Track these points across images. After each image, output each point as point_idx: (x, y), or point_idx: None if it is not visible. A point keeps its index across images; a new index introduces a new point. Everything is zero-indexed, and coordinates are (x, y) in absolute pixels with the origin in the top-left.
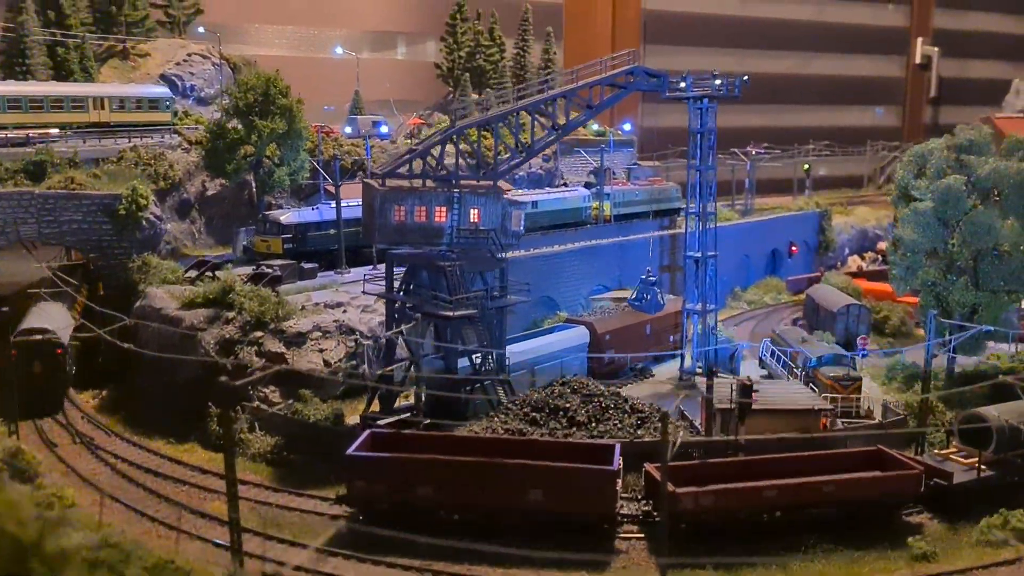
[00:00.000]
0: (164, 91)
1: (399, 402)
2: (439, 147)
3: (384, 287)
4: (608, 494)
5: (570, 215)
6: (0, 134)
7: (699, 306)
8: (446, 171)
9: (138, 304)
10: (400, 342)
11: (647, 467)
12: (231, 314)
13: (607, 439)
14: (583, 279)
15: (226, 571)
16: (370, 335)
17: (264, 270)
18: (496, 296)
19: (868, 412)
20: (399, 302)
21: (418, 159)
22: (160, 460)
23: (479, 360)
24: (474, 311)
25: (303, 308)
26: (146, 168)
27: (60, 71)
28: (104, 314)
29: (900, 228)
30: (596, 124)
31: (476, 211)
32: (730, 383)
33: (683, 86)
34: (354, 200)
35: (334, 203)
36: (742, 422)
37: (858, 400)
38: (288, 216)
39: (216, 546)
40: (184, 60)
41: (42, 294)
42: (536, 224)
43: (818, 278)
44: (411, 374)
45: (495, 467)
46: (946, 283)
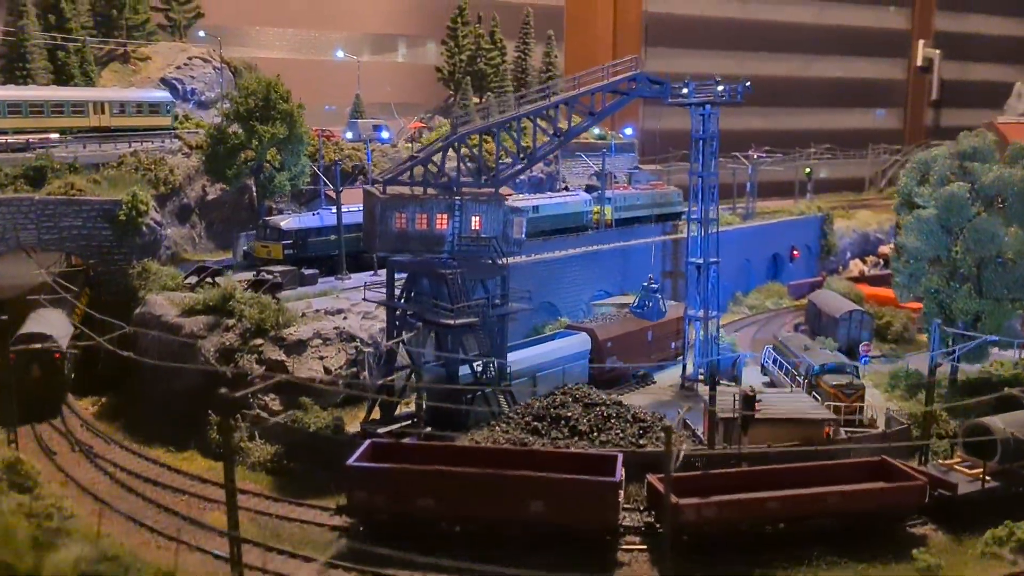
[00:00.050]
0: (165, 95)
1: (400, 409)
2: (440, 154)
3: (385, 294)
4: (610, 506)
5: (571, 219)
6: (0, 139)
7: (701, 312)
8: (447, 178)
9: (138, 311)
10: (401, 349)
11: (649, 478)
12: (231, 321)
13: (609, 449)
14: (584, 285)
15: None
16: (371, 342)
17: (264, 276)
18: (497, 304)
19: (871, 421)
20: (400, 310)
21: (419, 166)
22: (159, 469)
23: (480, 368)
24: (475, 319)
25: (303, 315)
26: (146, 173)
27: (60, 75)
28: (103, 321)
29: (903, 235)
30: (598, 128)
31: (477, 218)
32: (733, 393)
33: (685, 92)
34: (355, 205)
35: (335, 208)
36: (745, 432)
37: (861, 409)
38: (288, 222)
39: (216, 558)
40: (185, 64)
41: (42, 300)
42: (537, 229)
43: (820, 283)
44: (411, 383)
45: (496, 478)
46: (949, 290)
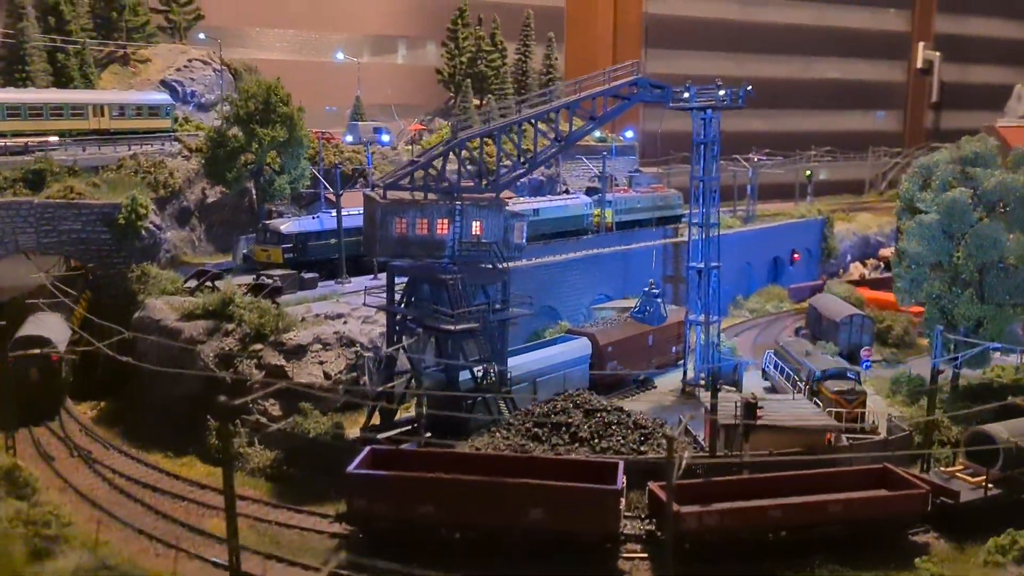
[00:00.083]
0: (164, 98)
1: (400, 414)
2: (441, 159)
3: (385, 299)
4: (611, 513)
5: (572, 223)
6: None
7: (702, 317)
8: (448, 183)
9: (137, 315)
10: (401, 354)
11: (651, 485)
12: (231, 326)
13: (610, 455)
14: (585, 288)
15: None
16: (370, 347)
17: (264, 281)
18: (498, 309)
19: (873, 427)
20: (400, 315)
21: (420, 170)
22: (158, 474)
23: (480, 373)
24: (476, 325)
25: (303, 320)
26: (146, 176)
27: (60, 77)
28: (102, 325)
29: (905, 240)
30: (598, 131)
31: (478, 223)
32: (735, 401)
33: (687, 97)
34: (355, 208)
35: (335, 212)
36: (746, 440)
37: (863, 415)
38: (288, 225)
39: (215, 566)
40: (185, 66)
41: (40, 304)
42: (538, 232)
43: (821, 286)
44: (411, 388)
45: (497, 486)
46: (951, 296)
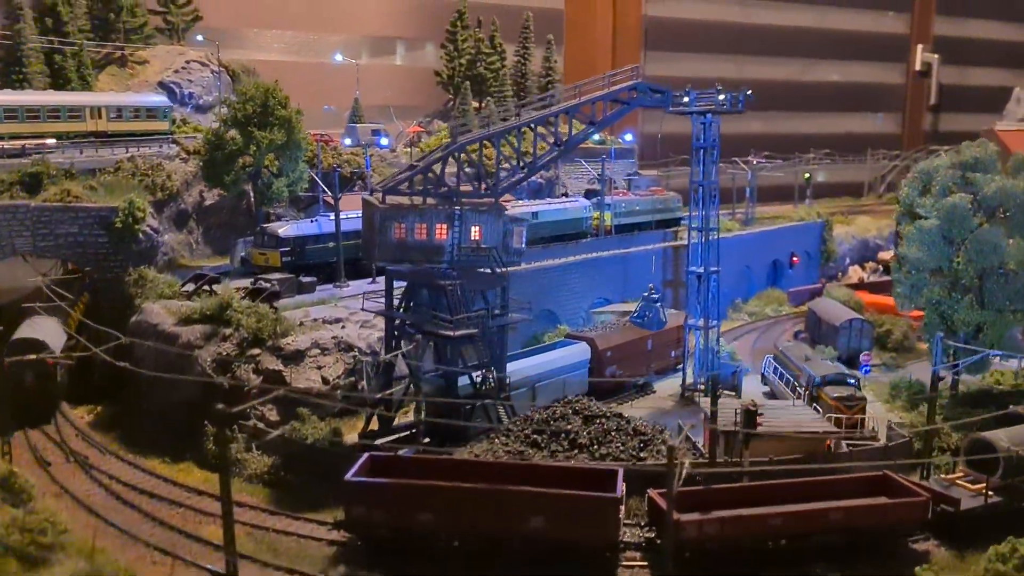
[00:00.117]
0: (162, 100)
1: (399, 419)
2: (440, 163)
3: (383, 304)
4: (611, 521)
5: (571, 226)
6: None
7: (701, 322)
8: (447, 187)
9: (134, 319)
10: (400, 359)
11: (651, 493)
12: (228, 331)
13: (609, 462)
14: (584, 292)
15: None
16: (369, 351)
17: (262, 285)
18: (497, 314)
19: (873, 433)
20: (399, 320)
21: (419, 175)
22: (155, 480)
23: (480, 379)
24: (475, 331)
25: (301, 324)
26: (143, 179)
27: (57, 79)
28: (99, 329)
29: (905, 246)
30: (597, 134)
31: (477, 228)
32: (735, 408)
33: (687, 101)
34: (353, 212)
35: (333, 215)
36: (746, 447)
37: (863, 422)
38: (286, 229)
39: (212, 574)
40: (183, 67)
41: (37, 308)
42: (536, 235)
43: (820, 290)
44: (410, 394)
45: (496, 493)
46: (951, 301)
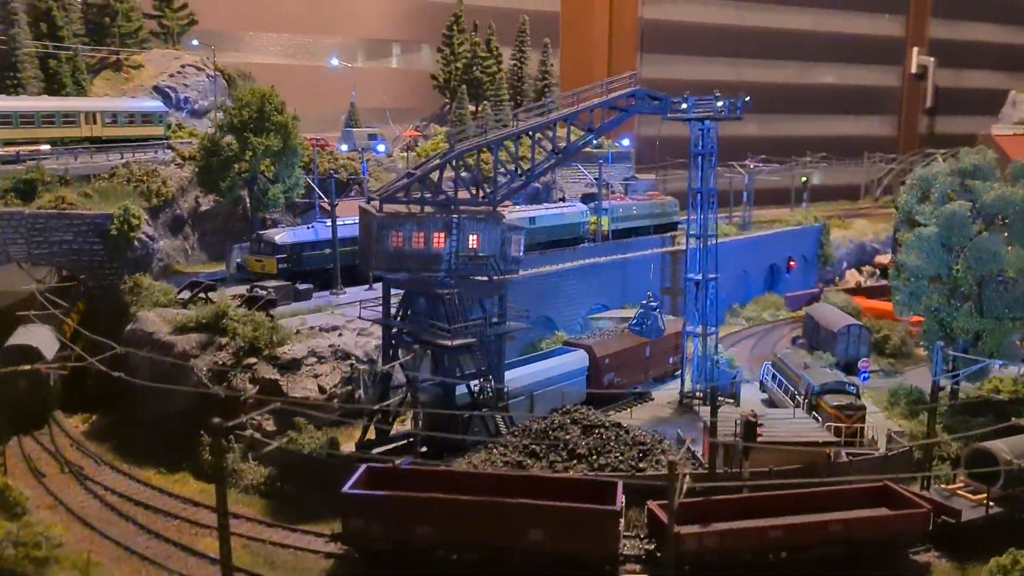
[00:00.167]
0: (157, 105)
1: (396, 427)
2: (437, 171)
3: (380, 312)
4: (610, 534)
5: (568, 231)
6: None
7: (699, 329)
8: (444, 195)
9: (129, 327)
10: (397, 368)
11: (650, 505)
12: (224, 340)
13: (608, 472)
14: (582, 298)
15: None
16: (366, 359)
17: (258, 293)
18: (495, 323)
19: (872, 442)
20: (396, 328)
21: (416, 183)
22: (151, 491)
23: (477, 388)
24: (473, 340)
25: (298, 332)
26: (138, 185)
27: (52, 84)
28: (94, 338)
29: (904, 253)
30: None
31: (475, 237)
32: (735, 419)
33: (684, 107)
34: (350, 218)
35: (329, 221)
36: (746, 457)
37: (862, 431)
38: (283, 236)
39: None
40: (178, 72)
41: (31, 316)
42: (534, 240)
43: (818, 295)
44: (408, 402)
45: (495, 506)
46: (950, 309)
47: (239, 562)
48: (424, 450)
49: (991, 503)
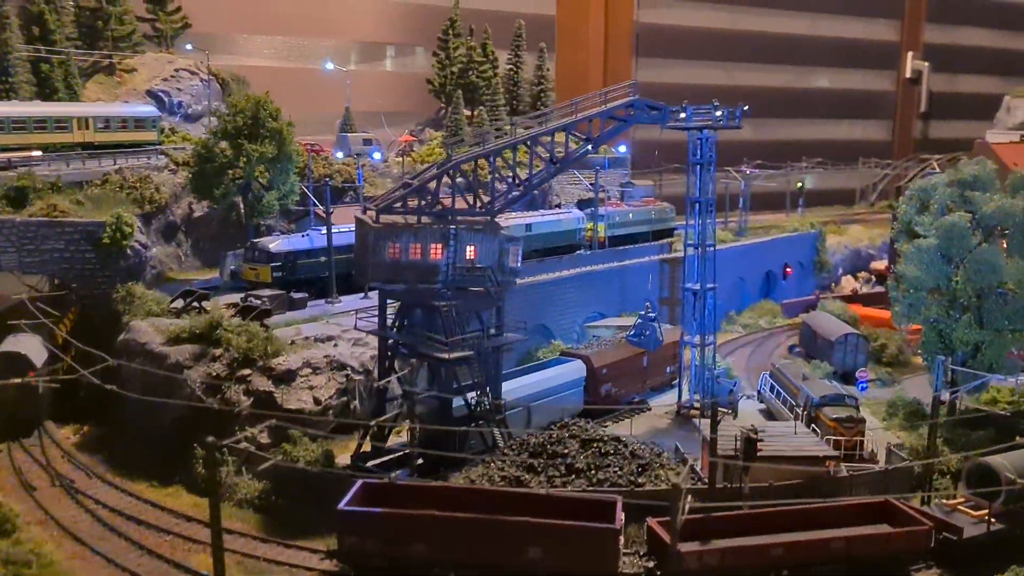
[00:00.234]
0: (151, 110)
1: (392, 438)
2: (434, 181)
3: (376, 323)
4: (610, 552)
5: (565, 238)
6: None
7: (697, 339)
8: (441, 206)
9: (122, 337)
10: (394, 380)
11: (650, 522)
12: (218, 351)
13: (607, 487)
14: (579, 307)
15: None
16: (361, 370)
17: (252, 302)
18: (493, 335)
19: (872, 455)
20: (392, 340)
21: (413, 194)
22: (143, 505)
23: (475, 401)
24: (470, 352)
25: (292, 343)
26: (131, 192)
27: (44, 88)
28: (85, 347)
29: (903, 264)
30: None
31: (473, 248)
32: (734, 434)
33: (683, 117)
34: (345, 225)
35: (324, 229)
36: (746, 473)
37: (862, 443)
38: (277, 244)
39: None
40: (172, 76)
41: (22, 325)
42: (530, 248)
43: (814, 302)
44: (404, 416)
45: (493, 524)
46: (949, 320)
47: None
48: (420, 463)
49: (993, 519)
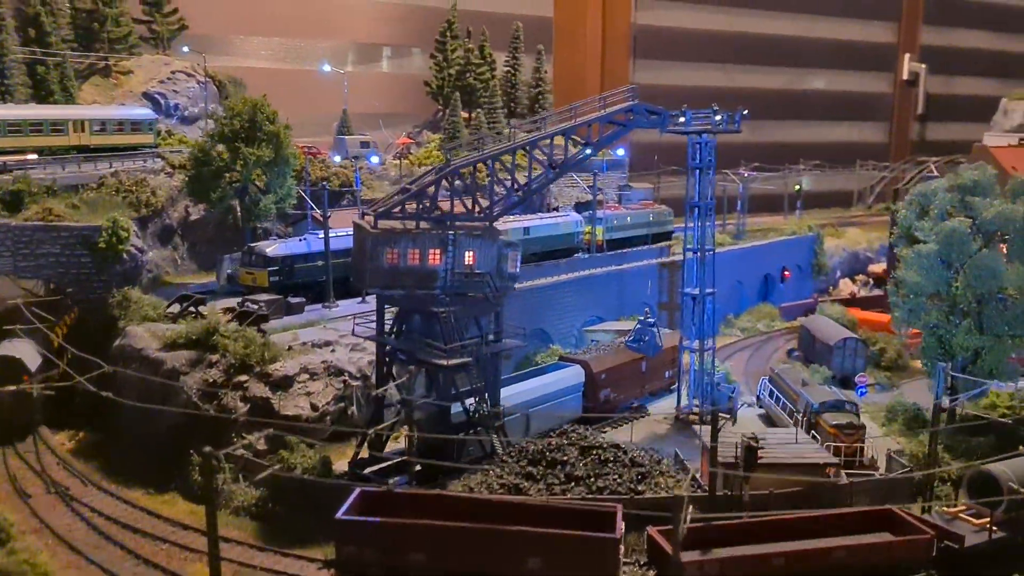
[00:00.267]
0: (147, 112)
1: (389, 444)
2: (433, 187)
3: (374, 328)
4: (610, 562)
5: (563, 241)
6: None
7: (696, 344)
8: (440, 211)
9: (118, 343)
10: (392, 387)
11: (650, 531)
12: (215, 357)
13: (606, 495)
14: (577, 311)
15: None
16: (359, 376)
17: (249, 307)
18: (492, 341)
19: (872, 462)
20: (390, 346)
21: (411, 199)
22: (139, 513)
23: (473, 407)
24: (469, 359)
25: (290, 348)
26: (127, 195)
27: (40, 90)
28: (80, 352)
29: (902, 269)
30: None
31: (471, 253)
32: (735, 442)
33: (683, 121)
34: (342, 229)
35: (321, 233)
36: (746, 481)
37: (862, 450)
38: (275, 248)
39: None
40: (168, 78)
41: (17, 331)
42: (528, 251)
43: (813, 306)
44: (401, 423)
45: (492, 533)
46: (949, 326)
47: None
48: (418, 469)
49: (994, 528)
